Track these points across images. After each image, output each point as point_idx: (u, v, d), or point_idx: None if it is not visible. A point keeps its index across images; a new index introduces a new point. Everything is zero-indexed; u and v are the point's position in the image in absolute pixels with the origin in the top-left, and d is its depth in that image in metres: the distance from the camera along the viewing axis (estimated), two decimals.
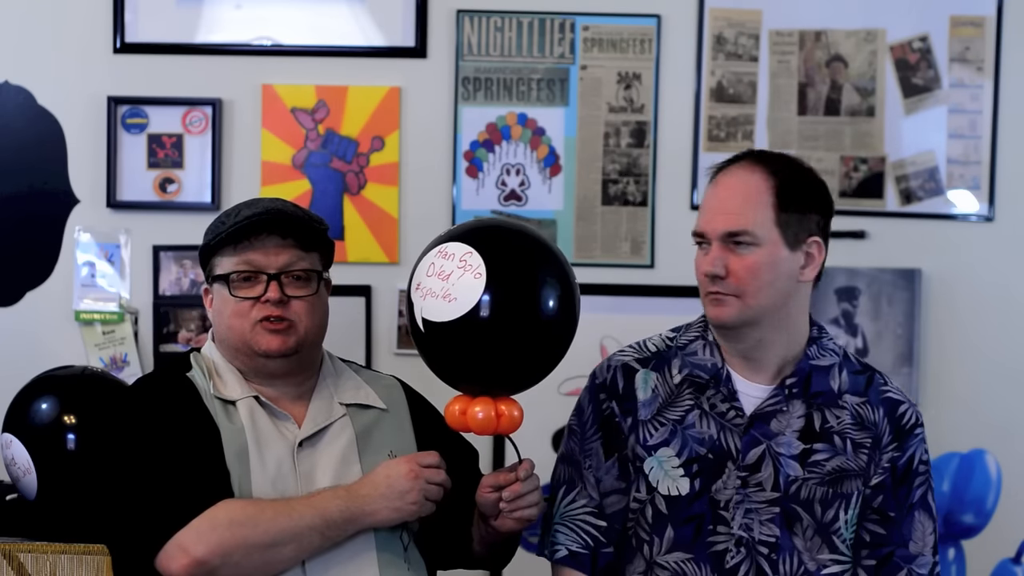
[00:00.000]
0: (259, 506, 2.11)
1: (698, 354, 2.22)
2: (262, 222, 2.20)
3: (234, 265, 2.21)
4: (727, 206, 2.12)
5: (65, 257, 3.31)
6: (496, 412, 2.13)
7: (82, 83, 3.29)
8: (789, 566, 2.13)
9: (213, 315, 2.27)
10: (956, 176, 3.32)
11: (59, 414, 2.72)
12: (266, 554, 2.06)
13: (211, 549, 2.04)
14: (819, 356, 2.19)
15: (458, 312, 2.05)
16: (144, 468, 2.11)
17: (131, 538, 2.11)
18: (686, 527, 2.16)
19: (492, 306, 2.05)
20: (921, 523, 2.17)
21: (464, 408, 2.14)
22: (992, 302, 3.31)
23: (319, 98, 3.30)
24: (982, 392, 3.29)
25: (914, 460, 2.18)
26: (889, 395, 2.21)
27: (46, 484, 2.72)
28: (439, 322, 2.07)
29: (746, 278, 2.10)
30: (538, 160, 3.32)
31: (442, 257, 2.10)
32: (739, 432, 2.16)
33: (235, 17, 3.31)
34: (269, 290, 2.19)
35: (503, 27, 3.30)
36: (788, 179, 2.13)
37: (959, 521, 3.22)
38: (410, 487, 2.14)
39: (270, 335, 2.20)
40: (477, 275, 2.06)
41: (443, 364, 2.15)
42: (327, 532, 2.09)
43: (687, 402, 2.20)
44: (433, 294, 2.08)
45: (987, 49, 3.30)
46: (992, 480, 3.23)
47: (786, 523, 2.13)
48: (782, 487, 2.14)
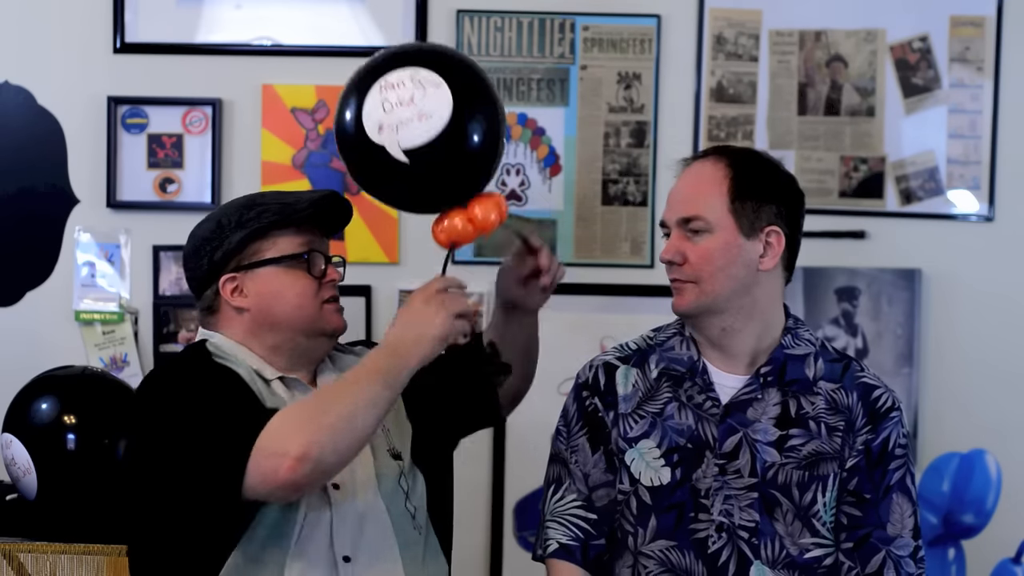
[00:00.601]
0: (315, 396, 2.12)
1: (675, 349, 2.27)
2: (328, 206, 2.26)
3: (300, 246, 2.23)
4: (683, 194, 2.22)
5: (65, 257, 3.31)
6: (495, 204, 2.21)
7: (82, 83, 3.30)
8: (771, 550, 2.17)
9: (257, 300, 2.23)
10: (956, 176, 3.32)
11: (59, 414, 2.72)
12: (351, 427, 2.04)
13: (305, 441, 2.00)
14: (794, 345, 2.24)
15: (439, 126, 2.10)
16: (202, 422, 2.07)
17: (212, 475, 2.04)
18: (668, 515, 2.19)
19: (462, 105, 2.11)
20: (899, 505, 2.19)
21: (466, 216, 2.19)
22: (992, 302, 3.31)
23: (319, 98, 3.30)
24: (982, 392, 3.29)
25: (889, 443, 2.20)
26: (864, 380, 2.24)
27: (46, 484, 2.72)
28: (425, 143, 2.11)
29: (699, 264, 2.18)
30: (538, 160, 3.32)
31: (390, 89, 2.13)
32: (715, 421, 2.20)
33: (235, 17, 3.31)
34: (332, 271, 2.25)
35: (503, 27, 3.30)
36: (745, 169, 2.21)
37: (959, 521, 3.22)
38: (430, 313, 2.13)
39: (335, 314, 2.25)
40: (437, 85, 2.12)
41: (435, 186, 2.18)
42: (389, 382, 2.09)
43: (665, 395, 2.25)
44: (404, 123, 2.11)
45: (987, 49, 3.30)
46: (992, 480, 3.23)
47: (766, 508, 2.17)
48: (759, 473, 2.17)
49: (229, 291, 2.23)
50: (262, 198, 2.29)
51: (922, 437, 3.29)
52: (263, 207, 2.24)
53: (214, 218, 2.26)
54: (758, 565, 2.16)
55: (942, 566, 3.23)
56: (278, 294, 2.22)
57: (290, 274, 2.22)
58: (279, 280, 2.22)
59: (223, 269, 2.23)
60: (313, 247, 2.23)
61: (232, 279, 2.23)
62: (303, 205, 2.23)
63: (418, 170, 2.13)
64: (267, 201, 2.26)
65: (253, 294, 2.23)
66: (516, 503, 3.28)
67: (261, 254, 2.23)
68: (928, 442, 3.29)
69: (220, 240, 2.23)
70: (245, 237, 2.22)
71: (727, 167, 2.20)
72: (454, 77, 2.13)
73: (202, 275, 2.25)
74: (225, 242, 2.22)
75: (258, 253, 2.22)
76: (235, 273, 2.23)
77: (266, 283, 2.23)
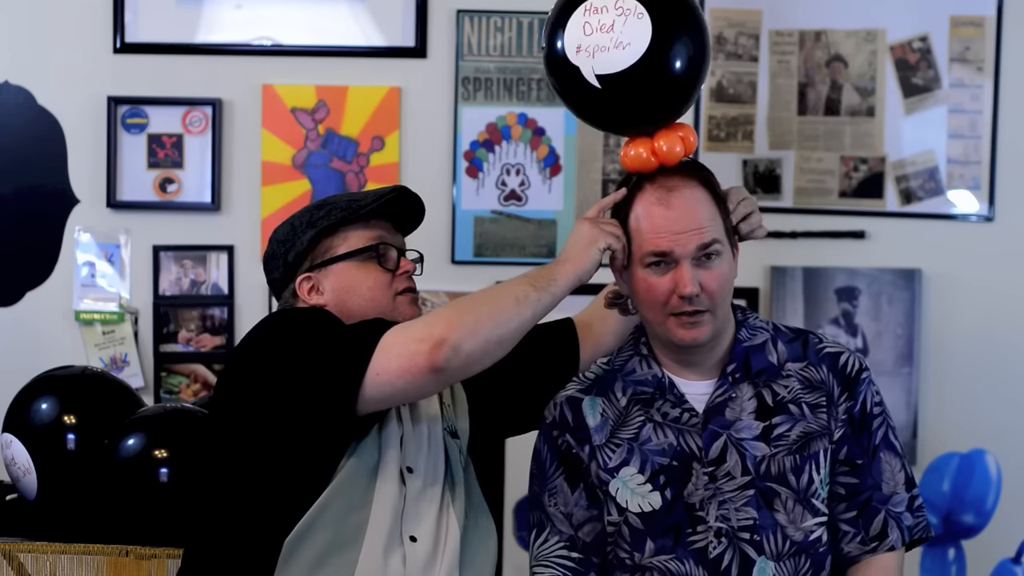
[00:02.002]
0: (457, 300, 2.18)
1: (636, 371, 2.24)
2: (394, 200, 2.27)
3: (370, 240, 2.25)
4: (693, 222, 2.12)
5: (65, 257, 3.31)
6: (681, 137, 2.18)
7: (82, 83, 3.30)
8: (773, 543, 2.15)
9: (333, 296, 2.25)
10: (956, 176, 3.32)
11: (59, 414, 2.71)
12: (493, 318, 2.06)
13: (445, 325, 2.02)
14: (750, 337, 2.23)
15: (633, 57, 2.10)
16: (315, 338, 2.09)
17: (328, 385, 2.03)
18: (665, 537, 2.17)
19: (662, 39, 2.11)
20: (888, 463, 2.19)
21: (650, 147, 2.17)
22: (992, 302, 3.31)
23: (319, 98, 3.30)
24: (982, 392, 3.29)
25: (867, 404, 2.20)
26: (827, 350, 2.23)
27: (46, 484, 2.71)
28: (617, 72, 2.11)
29: (717, 291, 2.13)
30: (538, 160, 3.32)
31: (593, 13, 2.14)
32: (697, 431, 2.17)
33: (235, 17, 3.31)
34: (405, 262, 2.27)
35: (503, 27, 3.30)
36: (717, 185, 2.19)
37: (959, 521, 3.22)
38: (584, 228, 2.17)
39: (411, 305, 2.27)
40: (639, 15, 2.11)
41: (623, 114, 2.19)
42: (539, 283, 2.11)
43: (638, 419, 2.21)
44: (602, 48, 2.12)
45: (987, 49, 3.30)
46: (992, 480, 3.23)
47: (764, 502, 2.15)
48: (751, 470, 2.15)
49: (306, 290, 2.26)
50: (334, 198, 2.32)
51: (922, 437, 3.29)
52: (332, 205, 2.28)
53: (288, 221, 2.30)
54: (760, 562, 2.15)
55: (942, 566, 3.23)
56: (352, 288, 2.25)
57: (362, 268, 2.25)
58: (351, 275, 2.25)
59: (298, 269, 2.27)
60: (384, 240, 2.26)
61: (307, 278, 2.26)
62: (368, 200, 2.26)
63: (608, 97, 2.14)
64: (337, 200, 2.30)
65: (328, 291, 2.25)
66: (516, 503, 3.28)
67: (333, 251, 2.26)
68: (928, 442, 3.29)
69: (293, 241, 2.27)
70: (315, 235, 2.25)
71: (702, 186, 2.16)
72: (660, 9, 2.12)
73: (280, 276, 2.29)
74: (297, 242, 2.26)
75: (330, 250, 2.26)
76: (309, 272, 2.26)
77: (339, 279, 2.26)
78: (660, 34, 2.11)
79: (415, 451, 2.18)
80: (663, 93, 2.16)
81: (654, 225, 2.13)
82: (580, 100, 2.20)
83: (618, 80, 2.12)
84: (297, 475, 2.07)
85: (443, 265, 3.27)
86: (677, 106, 2.19)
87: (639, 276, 2.15)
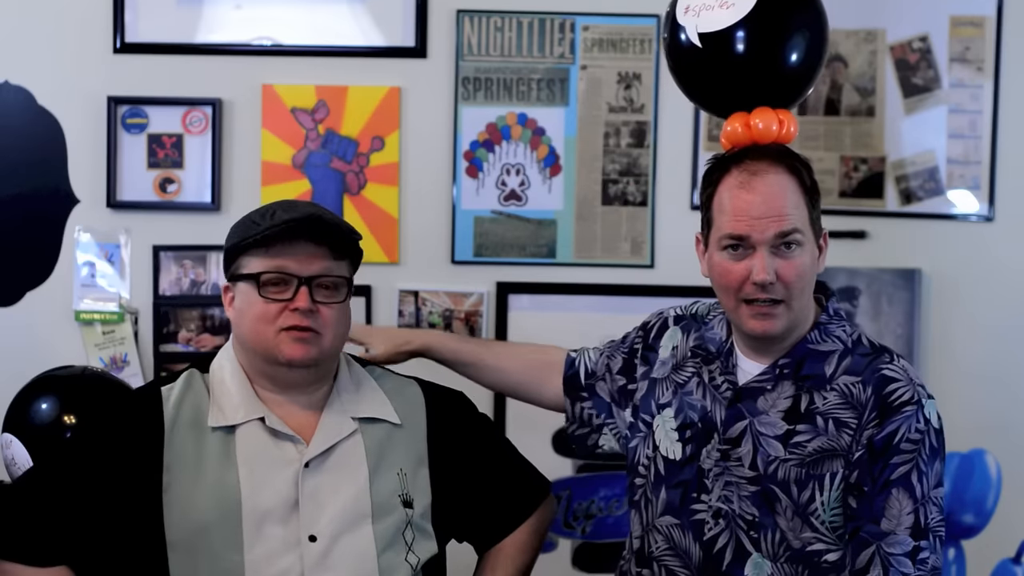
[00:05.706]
0: None
1: (713, 328, 2.28)
2: (300, 228, 2.14)
3: (265, 267, 2.14)
4: (774, 208, 2.08)
5: (65, 257, 3.31)
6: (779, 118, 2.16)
7: (82, 83, 3.30)
8: (771, 543, 2.14)
9: (234, 314, 2.19)
10: (956, 176, 3.32)
11: (59, 414, 2.71)
12: None
13: None
14: (820, 342, 2.17)
15: (737, 16, 2.13)
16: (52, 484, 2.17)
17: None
18: (675, 491, 2.21)
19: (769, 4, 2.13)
20: (897, 501, 2.07)
21: (745, 121, 2.16)
22: (992, 302, 3.31)
23: (319, 98, 3.30)
24: (982, 392, 3.29)
25: (896, 436, 2.08)
26: (883, 372, 2.13)
27: None
28: (717, 31, 2.14)
29: (795, 281, 2.08)
30: (538, 160, 3.32)
31: None
32: (725, 404, 2.18)
33: (235, 17, 3.31)
34: (299, 297, 2.13)
35: (503, 27, 3.30)
36: (808, 175, 2.14)
37: (959, 521, 3.21)
38: None
39: (294, 343, 2.13)
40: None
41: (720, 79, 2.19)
42: None
43: (690, 370, 2.26)
44: (708, 7, 2.16)
45: (987, 49, 3.30)
46: (992, 480, 3.22)
47: (766, 503, 2.14)
48: (760, 467, 2.14)
49: (227, 301, 2.23)
50: (272, 208, 2.21)
51: None
52: (237, 225, 2.22)
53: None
54: (756, 558, 2.14)
55: (942, 566, 3.22)
56: (242, 312, 2.18)
57: (251, 294, 2.16)
58: (245, 299, 2.18)
59: (226, 276, 2.23)
60: (279, 269, 2.14)
61: (227, 288, 2.23)
62: (260, 228, 2.15)
63: (706, 57, 2.16)
64: (246, 218, 2.21)
65: (235, 308, 2.21)
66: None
67: (235, 268, 2.19)
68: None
69: (230, 248, 2.22)
70: (231, 249, 2.20)
71: (793, 173, 2.11)
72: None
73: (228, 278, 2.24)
74: (228, 250, 2.22)
75: (241, 266, 2.19)
76: (227, 283, 2.22)
77: (240, 299, 2.20)
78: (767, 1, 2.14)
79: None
80: (761, 60, 2.14)
81: (734, 208, 2.09)
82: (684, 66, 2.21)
83: (718, 40, 2.13)
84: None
85: (443, 265, 3.27)
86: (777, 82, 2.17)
87: (715, 260, 2.13)
